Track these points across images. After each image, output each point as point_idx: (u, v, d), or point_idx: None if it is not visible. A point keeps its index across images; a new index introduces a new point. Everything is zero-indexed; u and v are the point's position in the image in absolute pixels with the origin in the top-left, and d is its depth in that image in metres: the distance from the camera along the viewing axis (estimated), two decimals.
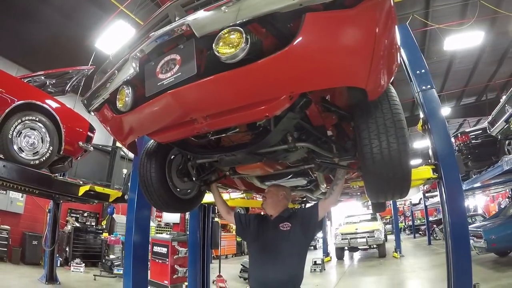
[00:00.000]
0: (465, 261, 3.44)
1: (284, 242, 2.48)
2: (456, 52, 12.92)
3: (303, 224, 2.55)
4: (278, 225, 2.55)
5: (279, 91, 1.51)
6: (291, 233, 2.50)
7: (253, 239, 2.67)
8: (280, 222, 2.58)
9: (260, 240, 2.59)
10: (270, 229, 2.59)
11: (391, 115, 1.80)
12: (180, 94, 1.56)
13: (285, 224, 2.55)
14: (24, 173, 3.86)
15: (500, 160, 6.70)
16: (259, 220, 2.74)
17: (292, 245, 2.48)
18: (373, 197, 2.14)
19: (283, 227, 2.53)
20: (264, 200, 2.77)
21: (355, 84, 1.54)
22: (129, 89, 1.84)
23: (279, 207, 2.69)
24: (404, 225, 27.19)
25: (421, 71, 4.01)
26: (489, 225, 8.65)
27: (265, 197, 2.76)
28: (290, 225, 2.53)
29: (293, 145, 2.11)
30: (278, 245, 2.47)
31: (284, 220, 2.59)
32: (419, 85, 3.92)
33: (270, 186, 2.90)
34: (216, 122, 1.73)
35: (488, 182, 8.56)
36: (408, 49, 4.19)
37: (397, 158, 1.76)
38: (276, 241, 2.50)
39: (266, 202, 2.73)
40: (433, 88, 3.90)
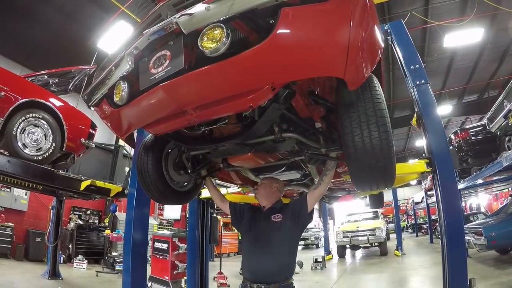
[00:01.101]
0: (460, 254, 3.43)
1: (275, 233, 2.53)
2: (456, 49, 12.90)
3: (294, 215, 2.59)
4: (270, 216, 2.60)
5: (260, 82, 1.59)
6: (283, 224, 2.55)
7: (246, 229, 2.71)
8: (272, 213, 2.63)
9: (252, 231, 2.65)
10: (262, 220, 2.64)
11: (372, 104, 1.87)
12: (170, 87, 1.67)
13: (277, 215, 2.60)
14: (27, 168, 3.97)
15: (500, 156, 6.70)
16: (253, 211, 2.80)
17: (283, 235, 2.53)
18: (358, 186, 2.21)
19: (275, 218, 2.58)
20: (257, 191, 2.83)
21: (333, 74, 1.62)
22: (125, 84, 1.94)
23: (272, 198, 2.74)
24: (407, 224, 27.16)
25: (415, 66, 4.04)
26: (490, 222, 8.62)
27: (258, 188, 2.82)
28: (282, 217, 2.58)
29: (280, 136, 2.19)
30: (269, 236, 2.52)
31: (276, 211, 2.64)
32: (413, 80, 3.96)
33: (264, 178, 2.96)
34: (205, 113, 1.81)
35: (490, 179, 8.54)
36: (402, 45, 4.25)
37: (378, 146, 1.83)
38: (268, 232, 2.54)
39: (259, 193, 2.79)
40: (427, 83, 3.93)
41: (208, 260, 5.83)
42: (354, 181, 2.16)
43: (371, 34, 1.68)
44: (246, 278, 2.53)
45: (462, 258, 3.41)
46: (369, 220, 13.99)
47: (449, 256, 3.41)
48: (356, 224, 13.33)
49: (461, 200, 9.13)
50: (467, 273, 3.34)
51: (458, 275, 3.34)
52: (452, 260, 3.40)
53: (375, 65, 1.83)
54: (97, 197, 6.46)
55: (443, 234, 3.54)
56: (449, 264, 3.41)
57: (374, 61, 1.81)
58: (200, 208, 5.47)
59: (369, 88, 1.94)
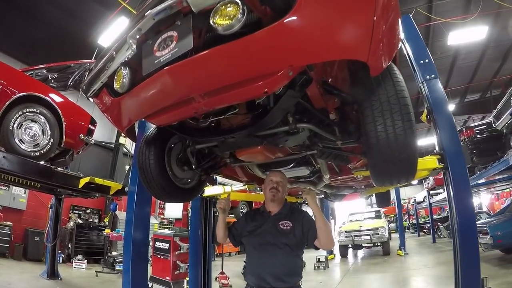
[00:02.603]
0: (473, 252, 3.35)
1: (284, 240, 2.34)
2: (460, 47, 12.85)
3: (302, 230, 2.38)
4: (278, 223, 2.40)
5: (277, 65, 1.46)
6: (292, 232, 2.36)
7: (251, 237, 2.47)
8: (280, 219, 2.43)
9: (258, 237, 2.42)
10: (270, 226, 2.42)
11: (395, 92, 1.76)
12: (176, 70, 1.54)
13: (285, 222, 2.40)
14: (24, 165, 3.85)
15: (506, 155, 6.62)
16: (253, 217, 2.57)
17: (292, 243, 2.35)
18: (378, 181, 2.08)
19: (283, 225, 2.39)
20: (275, 194, 2.49)
21: (356, 57, 1.49)
22: (126, 70, 1.81)
23: (282, 201, 2.55)
24: (408, 224, 27.02)
25: (424, 60, 3.93)
26: (495, 221, 8.54)
27: (277, 190, 2.50)
28: (291, 225, 2.38)
29: (294, 126, 2.05)
30: (278, 243, 2.33)
31: (284, 217, 2.44)
32: (423, 75, 3.86)
33: (274, 174, 2.60)
34: (214, 100, 1.68)
35: (492, 178, 8.47)
36: (411, 39, 4.12)
37: (402, 136, 1.71)
38: (276, 239, 2.34)
39: (277, 197, 2.50)
40: (437, 78, 3.83)
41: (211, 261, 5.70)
42: (374, 175, 2.03)
43: (395, 16, 1.56)
44: (251, 285, 2.38)
45: (475, 257, 3.33)
46: (371, 220, 13.84)
47: (461, 255, 3.33)
48: (358, 224, 13.21)
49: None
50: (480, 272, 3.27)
51: (471, 274, 3.27)
52: (465, 258, 3.32)
53: (397, 50, 1.71)
54: (97, 195, 6.33)
55: (455, 232, 3.47)
56: (462, 263, 3.33)
57: (396, 46, 1.70)
58: (203, 206, 5.34)
59: (390, 75, 1.83)
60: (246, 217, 2.61)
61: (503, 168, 6.62)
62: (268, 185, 2.52)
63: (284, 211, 2.48)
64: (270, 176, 2.57)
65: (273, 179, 2.52)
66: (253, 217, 2.54)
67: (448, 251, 11.84)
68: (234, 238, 2.59)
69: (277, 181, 2.51)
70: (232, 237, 2.59)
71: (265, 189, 2.56)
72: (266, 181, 2.57)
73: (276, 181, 2.51)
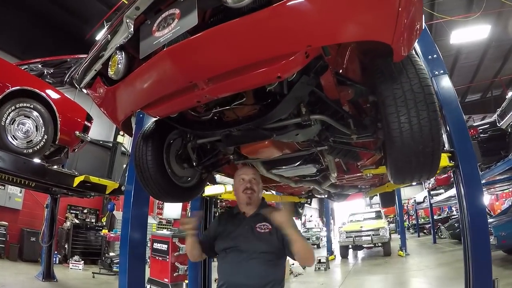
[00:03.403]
0: (484, 253, 3.22)
1: (263, 247, 2.00)
2: (462, 46, 12.80)
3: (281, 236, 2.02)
4: (255, 225, 2.07)
5: (294, 44, 1.30)
6: (272, 235, 2.03)
7: (223, 244, 2.11)
8: (257, 221, 2.10)
9: (231, 244, 2.07)
10: (245, 230, 2.08)
11: (419, 80, 1.61)
12: (177, 51, 1.38)
13: (263, 224, 2.07)
14: (16, 162, 3.68)
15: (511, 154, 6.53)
16: (227, 219, 2.24)
17: (272, 249, 2.02)
18: (398, 178, 1.91)
19: (261, 228, 2.06)
20: (251, 195, 2.16)
21: (381, 38, 1.34)
22: (122, 54, 1.65)
23: (259, 202, 2.22)
24: (408, 224, 26.93)
25: (433, 56, 3.79)
26: (499, 222, 8.43)
27: (252, 190, 2.16)
28: (270, 227, 2.05)
29: (307, 118, 1.87)
30: (254, 250, 1.99)
31: (261, 219, 2.10)
32: (431, 71, 3.71)
33: (247, 170, 2.28)
34: (220, 87, 1.52)
35: (493, 179, 8.38)
36: None
37: (427, 128, 1.57)
38: (253, 246, 2.01)
39: (253, 199, 2.17)
40: (446, 73, 3.70)
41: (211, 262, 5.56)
42: (394, 171, 1.86)
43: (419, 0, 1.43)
44: None
45: (487, 257, 3.21)
46: (372, 220, 13.73)
47: (473, 255, 3.21)
48: (359, 224, 13.08)
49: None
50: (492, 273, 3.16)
51: (483, 275, 3.15)
52: (477, 259, 3.20)
53: (419, 35, 1.57)
54: (92, 194, 6.16)
55: (466, 232, 3.35)
56: (474, 264, 3.21)
57: (420, 31, 1.55)
58: (203, 206, 5.19)
59: (411, 62, 1.68)
60: (219, 220, 2.28)
61: (507, 168, 6.53)
62: (241, 186, 2.18)
63: (259, 212, 2.14)
64: (240, 174, 2.22)
65: (245, 178, 2.18)
66: (226, 220, 2.22)
67: (449, 252, 11.81)
68: (211, 249, 2.20)
69: (250, 180, 2.18)
70: (208, 250, 2.21)
71: (237, 190, 2.22)
72: (236, 180, 2.23)
73: (249, 179, 2.17)
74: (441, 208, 22.90)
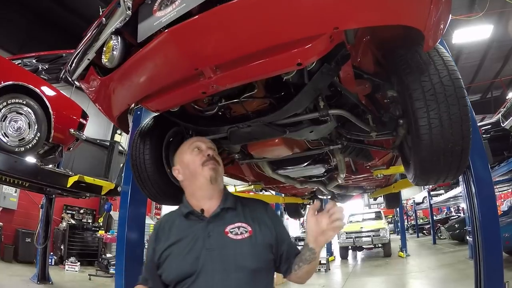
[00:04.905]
0: (496, 254, 3.16)
1: (247, 259, 1.29)
2: (463, 47, 12.73)
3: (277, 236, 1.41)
4: (226, 229, 1.34)
5: (320, 25, 1.14)
6: (255, 241, 1.34)
7: (175, 273, 1.31)
8: (227, 221, 1.37)
9: (191, 269, 1.27)
10: (210, 237, 1.32)
11: (448, 72, 1.47)
12: (182, 32, 1.21)
13: (238, 225, 1.35)
14: (7, 161, 3.50)
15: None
16: (168, 232, 1.40)
17: (260, 262, 1.33)
18: (423, 178, 1.76)
19: (235, 231, 1.33)
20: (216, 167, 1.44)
21: (413, 24, 1.22)
22: (117, 39, 1.48)
23: (222, 188, 1.49)
24: (407, 224, 26.89)
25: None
26: (501, 223, 8.34)
27: (216, 161, 1.46)
28: (249, 228, 1.36)
29: (325, 113, 1.69)
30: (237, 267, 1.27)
31: (233, 218, 1.39)
32: None
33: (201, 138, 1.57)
34: (229, 76, 1.36)
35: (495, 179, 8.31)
36: None
37: (458, 124, 1.44)
38: (232, 260, 1.27)
39: (218, 174, 1.45)
40: None
41: None
42: (420, 172, 1.70)
43: None
44: None
45: (498, 259, 3.16)
46: (372, 221, 13.64)
47: (485, 257, 3.12)
48: (359, 225, 12.97)
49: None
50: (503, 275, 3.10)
51: (494, 276, 3.07)
52: (488, 260, 3.11)
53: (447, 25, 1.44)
54: (87, 195, 5.98)
55: (476, 232, 3.28)
56: (485, 265, 3.12)
57: (448, 19, 1.42)
58: None
59: (438, 53, 1.56)
60: (157, 234, 1.43)
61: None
62: (197, 157, 1.44)
63: (229, 204, 1.42)
64: (193, 142, 1.50)
65: (201, 146, 1.47)
66: (170, 230, 1.40)
67: (450, 252, 11.73)
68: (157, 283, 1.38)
69: (210, 147, 1.49)
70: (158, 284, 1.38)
71: (189, 165, 1.44)
72: (186, 152, 1.47)
73: (208, 147, 1.49)
74: (440, 209, 22.88)
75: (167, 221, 1.45)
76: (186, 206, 1.43)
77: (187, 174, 1.45)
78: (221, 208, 1.38)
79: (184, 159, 1.46)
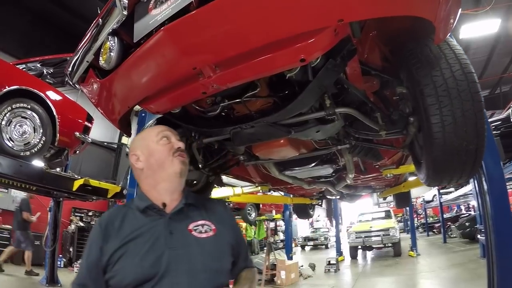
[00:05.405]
0: (510, 255, 3.07)
1: (213, 259, 1.21)
2: (470, 42, 12.53)
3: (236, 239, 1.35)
4: (189, 226, 1.23)
5: (323, 18, 1.07)
6: (220, 240, 1.26)
7: (132, 276, 1.12)
8: (190, 218, 1.26)
9: (152, 271, 1.12)
10: (174, 237, 1.19)
11: (460, 66, 1.40)
12: (177, 29, 1.16)
13: (201, 223, 1.25)
14: (12, 165, 3.50)
15: None
16: (118, 229, 1.20)
17: (225, 263, 1.25)
18: (435, 179, 1.68)
19: (200, 229, 1.23)
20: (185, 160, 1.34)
21: (423, 14, 1.15)
22: (114, 40, 1.44)
23: (183, 182, 1.34)
24: (417, 223, 26.59)
25: None
26: None
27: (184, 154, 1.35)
28: (213, 226, 1.26)
29: (332, 112, 1.62)
30: (205, 267, 1.17)
31: (197, 214, 1.29)
32: None
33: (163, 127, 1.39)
34: (229, 74, 1.30)
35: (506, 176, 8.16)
36: None
37: (472, 121, 1.36)
38: (198, 260, 1.17)
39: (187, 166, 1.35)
40: None
41: None
42: (432, 172, 1.63)
43: None
44: None
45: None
46: (381, 220, 13.53)
47: (498, 257, 3.10)
48: (369, 224, 12.89)
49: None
50: None
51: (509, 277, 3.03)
52: (502, 260, 3.08)
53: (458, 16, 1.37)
54: (94, 198, 5.98)
55: (489, 231, 3.25)
56: (499, 265, 3.08)
57: (459, 10, 1.34)
58: None
59: (449, 46, 1.48)
60: (105, 231, 1.20)
61: None
62: (165, 147, 1.30)
63: (191, 200, 1.31)
64: (162, 131, 1.34)
65: (170, 137, 1.33)
66: (120, 227, 1.21)
67: (460, 251, 11.56)
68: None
69: (180, 140, 1.36)
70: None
71: (156, 155, 1.29)
72: (152, 141, 1.31)
73: (178, 139, 1.35)
74: (450, 207, 22.57)
75: (116, 215, 1.25)
76: (143, 199, 1.27)
77: (151, 164, 1.28)
78: (184, 204, 1.27)
79: (150, 146, 1.30)
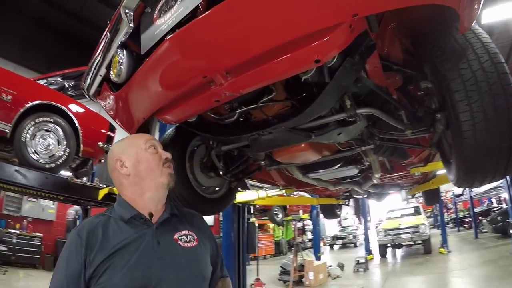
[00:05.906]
0: None
1: (201, 268, 1.25)
2: (493, 27, 11.94)
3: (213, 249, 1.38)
4: (173, 236, 1.24)
5: (335, 13, 0.99)
6: (204, 250, 1.29)
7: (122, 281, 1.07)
8: (175, 229, 1.27)
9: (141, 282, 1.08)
10: (161, 248, 1.17)
11: (489, 56, 1.27)
12: (182, 37, 1.11)
13: (186, 233, 1.27)
14: (39, 178, 3.56)
15: None
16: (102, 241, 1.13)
17: (209, 273, 1.29)
18: (467, 180, 1.53)
19: (184, 239, 1.25)
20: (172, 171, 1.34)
21: (446, 1, 1.05)
22: (123, 53, 1.42)
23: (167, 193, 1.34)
24: (447, 218, 25.76)
25: None
26: None
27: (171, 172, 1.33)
28: (194, 234, 1.29)
29: (353, 113, 1.52)
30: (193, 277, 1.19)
31: (181, 223, 1.31)
32: None
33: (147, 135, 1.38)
34: (242, 81, 1.23)
35: None
36: None
37: (505, 117, 1.22)
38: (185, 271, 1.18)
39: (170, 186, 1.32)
40: None
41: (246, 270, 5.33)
42: (463, 173, 1.48)
43: None
44: None
45: None
46: (410, 216, 13.09)
47: None
48: (398, 221, 12.52)
49: None
50: None
51: None
52: None
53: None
54: None
55: None
56: None
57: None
58: (235, 213, 4.98)
59: (475, 34, 1.35)
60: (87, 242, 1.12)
61: None
62: (154, 156, 1.29)
63: (175, 211, 1.33)
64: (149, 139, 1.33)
65: (157, 147, 1.33)
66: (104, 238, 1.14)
67: (493, 247, 11.10)
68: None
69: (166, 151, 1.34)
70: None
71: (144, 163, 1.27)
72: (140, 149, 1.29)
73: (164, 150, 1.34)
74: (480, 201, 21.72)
75: (97, 225, 1.17)
76: (126, 208, 1.23)
77: (139, 171, 1.26)
78: (170, 214, 1.28)
79: (138, 154, 1.28)
